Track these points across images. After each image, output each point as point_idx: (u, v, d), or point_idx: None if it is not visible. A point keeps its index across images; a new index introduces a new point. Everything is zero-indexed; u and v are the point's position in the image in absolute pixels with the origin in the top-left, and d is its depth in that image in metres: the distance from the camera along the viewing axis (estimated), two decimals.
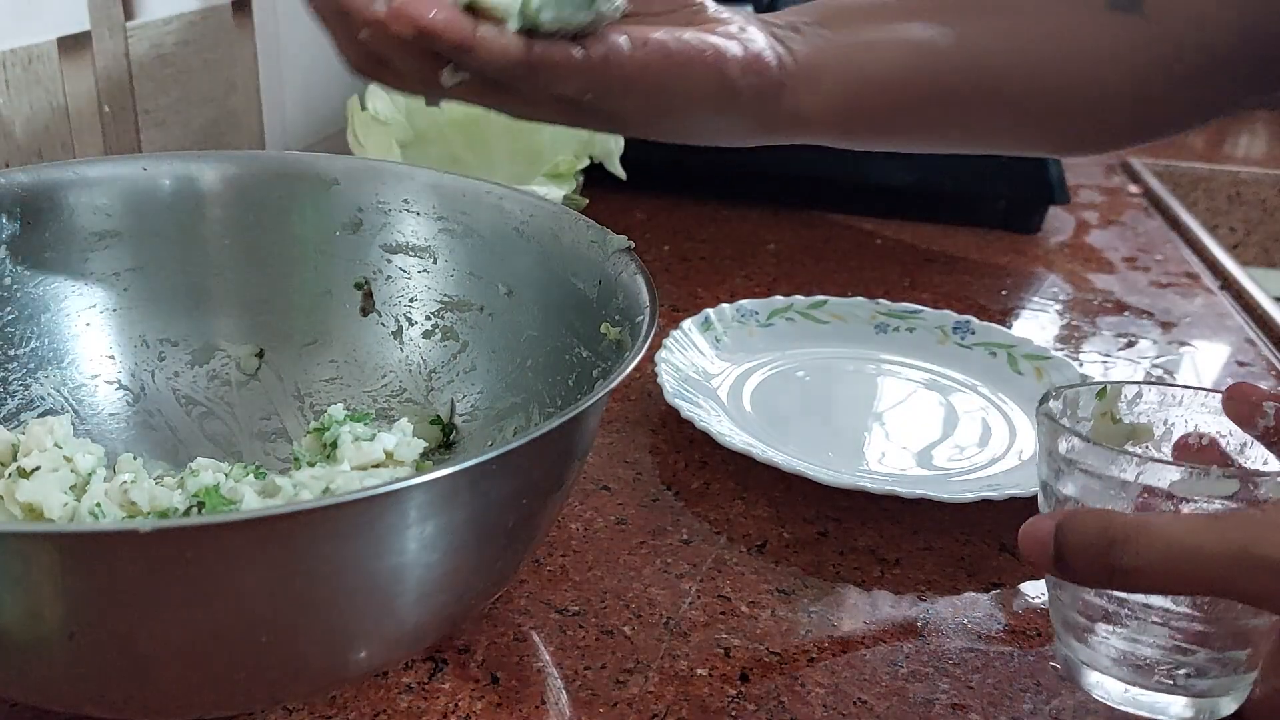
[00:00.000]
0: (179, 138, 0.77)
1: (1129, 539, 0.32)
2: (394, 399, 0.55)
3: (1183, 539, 0.32)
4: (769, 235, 0.92)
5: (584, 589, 0.48)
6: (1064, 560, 0.33)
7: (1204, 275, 0.90)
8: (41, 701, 0.37)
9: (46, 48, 0.63)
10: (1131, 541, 0.32)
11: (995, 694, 0.44)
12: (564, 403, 0.49)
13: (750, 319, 0.70)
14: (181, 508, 0.43)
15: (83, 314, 0.52)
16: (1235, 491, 0.34)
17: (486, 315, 0.54)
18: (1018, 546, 0.35)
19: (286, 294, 0.56)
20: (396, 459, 0.47)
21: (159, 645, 0.33)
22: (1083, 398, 0.42)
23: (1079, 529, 0.33)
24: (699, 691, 0.42)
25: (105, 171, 0.52)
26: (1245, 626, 0.36)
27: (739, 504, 0.55)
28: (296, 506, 0.32)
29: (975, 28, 0.50)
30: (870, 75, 0.49)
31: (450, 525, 0.35)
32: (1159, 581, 0.33)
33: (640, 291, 0.45)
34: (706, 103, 0.45)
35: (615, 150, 0.79)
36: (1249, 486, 0.34)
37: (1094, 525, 0.33)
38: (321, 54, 0.93)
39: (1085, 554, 0.33)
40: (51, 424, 0.45)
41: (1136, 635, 0.37)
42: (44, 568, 0.31)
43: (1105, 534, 0.33)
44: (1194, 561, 0.31)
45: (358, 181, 0.55)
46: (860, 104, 0.49)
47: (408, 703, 0.41)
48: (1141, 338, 0.78)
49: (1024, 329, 0.77)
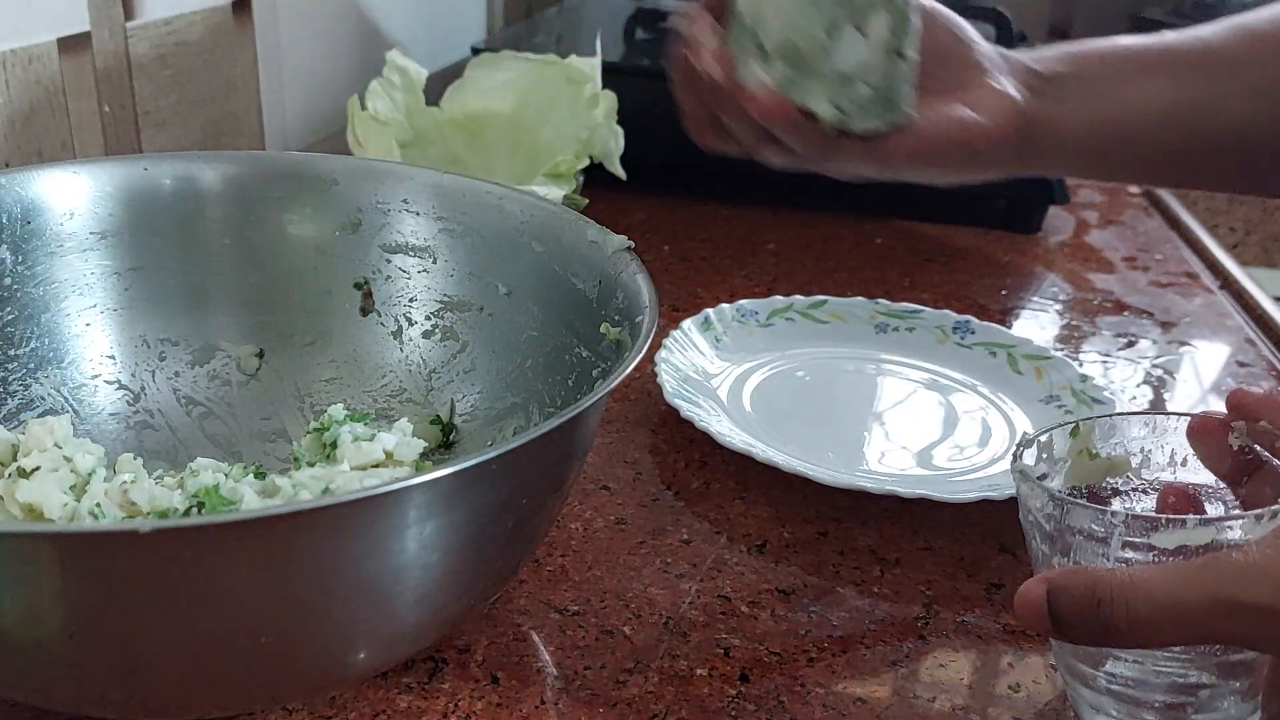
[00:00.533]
0: (179, 138, 0.77)
1: (1115, 598, 0.33)
2: (394, 399, 0.55)
3: (1163, 593, 0.32)
4: (769, 235, 0.92)
5: (584, 589, 0.48)
6: (1059, 624, 0.34)
7: (1204, 275, 0.90)
8: (41, 702, 0.37)
9: (46, 48, 0.63)
10: (1119, 601, 0.33)
11: (995, 694, 0.43)
12: (564, 403, 0.49)
13: (750, 319, 0.70)
14: (181, 508, 0.43)
15: (83, 314, 0.52)
16: (1212, 539, 0.35)
17: (486, 315, 0.54)
18: (1015, 611, 0.35)
19: (286, 294, 0.56)
20: (396, 459, 0.47)
21: (159, 645, 0.33)
22: (1056, 439, 0.42)
23: (1069, 591, 0.34)
24: (699, 691, 0.42)
25: (105, 171, 0.52)
26: (1241, 660, 0.37)
27: (739, 504, 0.55)
28: (296, 506, 0.32)
29: (1220, 84, 0.53)
30: (1110, 133, 0.53)
31: (450, 525, 0.35)
32: (1150, 636, 0.33)
33: (640, 291, 0.45)
34: (961, 166, 0.53)
35: (615, 150, 0.79)
36: (1224, 530, 0.35)
37: (1082, 587, 0.34)
38: (321, 54, 0.93)
39: (1078, 616, 0.34)
40: (51, 424, 0.45)
41: (1138, 677, 0.38)
42: (44, 568, 0.31)
43: (1093, 594, 0.33)
44: (1177, 613, 0.32)
45: (358, 181, 0.55)
46: (1099, 156, 0.55)
47: (408, 703, 0.41)
48: (1141, 337, 0.78)
49: (1024, 329, 0.77)
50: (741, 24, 0.49)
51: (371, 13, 1.02)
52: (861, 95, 0.48)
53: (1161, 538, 0.35)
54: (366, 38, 1.01)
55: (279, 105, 0.89)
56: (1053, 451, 0.42)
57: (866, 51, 0.47)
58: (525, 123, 0.85)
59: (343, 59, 0.98)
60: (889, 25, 0.47)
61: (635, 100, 0.85)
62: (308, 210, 0.55)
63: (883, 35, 0.47)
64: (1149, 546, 0.35)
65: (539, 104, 0.85)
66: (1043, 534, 0.38)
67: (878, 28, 0.47)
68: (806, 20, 0.47)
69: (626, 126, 0.80)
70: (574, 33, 1.19)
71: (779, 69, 0.48)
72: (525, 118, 0.85)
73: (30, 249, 0.50)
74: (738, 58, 0.50)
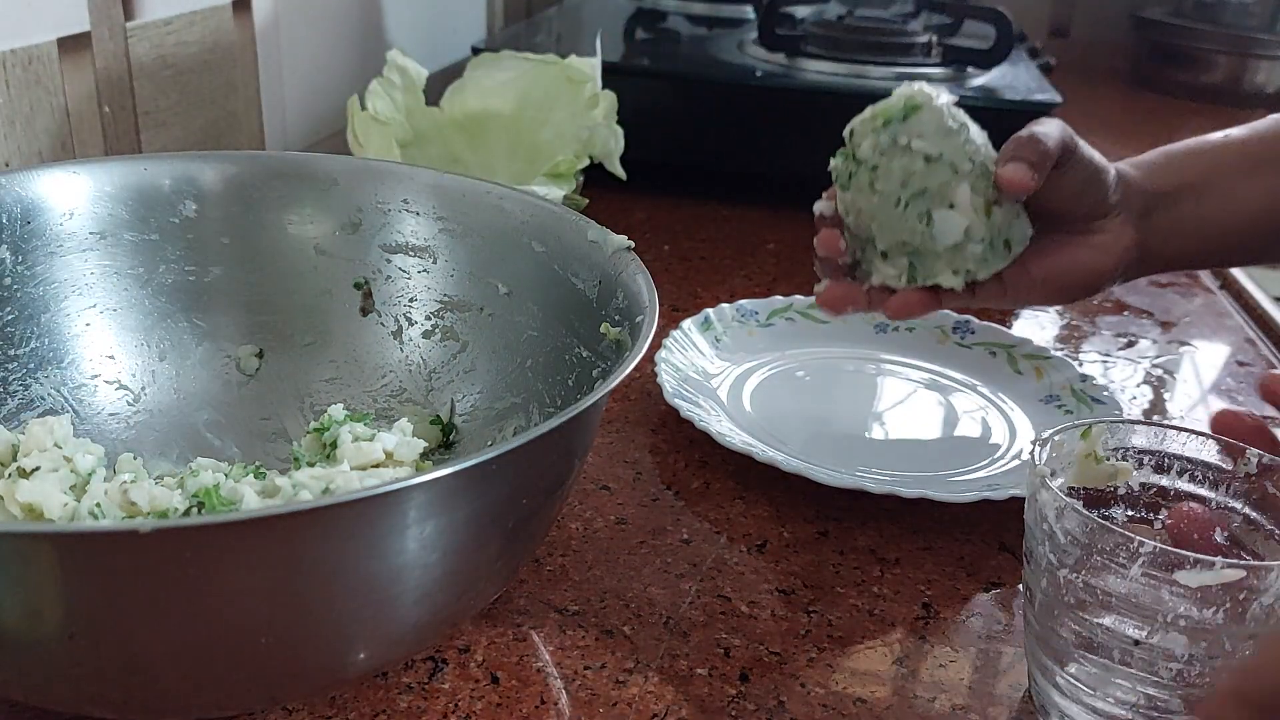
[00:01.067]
0: (179, 138, 0.77)
1: None
2: (394, 399, 0.55)
3: None
4: (769, 235, 0.92)
5: (584, 589, 0.48)
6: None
7: (1204, 275, 0.90)
8: (41, 702, 0.37)
9: (46, 48, 0.63)
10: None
11: (995, 694, 0.44)
12: (564, 403, 0.49)
13: (750, 319, 0.70)
14: (181, 508, 0.43)
15: (83, 314, 0.52)
16: (1241, 579, 0.35)
17: (486, 315, 0.54)
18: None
19: (286, 294, 0.56)
20: (396, 459, 0.47)
21: (159, 645, 0.33)
22: (1067, 440, 0.42)
23: (1261, 694, 0.30)
24: (699, 691, 0.42)
25: (105, 171, 0.52)
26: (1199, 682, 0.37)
27: (739, 504, 0.55)
28: (296, 506, 0.32)
29: None
30: (1217, 235, 0.56)
31: (450, 525, 0.35)
32: None
33: (640, 291, 0.45)
34: (1083, 297, 0.56)
35: (615, 150, 0.79)
36: (1254, 577, 0.35)
37: (1271, 688, 0.30)
38: (321, 54, 0.93)
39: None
40: (51, 424, 0.45)
41: (1095, 683, 0.38)
42: (44, 568, 0.31)
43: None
44: None
45: (358, 181, 0.55)
46: (1204, 256, 0.59)
47: (408, 703, 0.41)
48: (1141, 337, 0.78)
49: (1024, 329, 0.77)
50: (856, 238, 0.53)
51: (371, 13, 1.02)
52: (975, 252, 0.51)
53: (1186, 576, 0.35)
54: (366, 38, 1.01)
55: (279, 105, 0.89)
56: (1062, 452, 0.42)
57: (962, 219, 0.50)
58: (525, 123, 0.85)
59: (343, 59, 0.98)
60: (971, 186, 0.50)
61: (635, 100, 0.85)
62: (308, 210, 0.55)
63: (969, 198, 0.50)
64: (1172, 582, 0.35)
65: (539, 104, 0.85)
66: (1054, 544, 0.38)
67: (962, 197, 0.50)
68: (902, 220, 0.51)
69: (626, 126, 0.80)
70: (574, 33, 1.19)
71: (899, 263, 0.52)
72: (525, 118, 0.85)
73: (30, 249, 0.50)
74: (863, 265, 0.54)
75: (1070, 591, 0.38)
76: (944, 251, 0.51)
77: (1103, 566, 0.37)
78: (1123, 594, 0.36)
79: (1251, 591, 0.35)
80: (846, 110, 0.53)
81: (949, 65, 1.00)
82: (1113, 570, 0.36)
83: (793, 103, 0.94)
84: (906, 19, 1.10)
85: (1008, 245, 0.52)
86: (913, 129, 0.50)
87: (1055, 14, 1.82)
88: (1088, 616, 0.38)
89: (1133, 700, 0.38)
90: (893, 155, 0.50)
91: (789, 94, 0.94)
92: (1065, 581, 0.38)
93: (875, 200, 0.51)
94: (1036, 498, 0.39)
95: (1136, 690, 0.37)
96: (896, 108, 0.50)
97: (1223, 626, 0.35)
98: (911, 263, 0.52)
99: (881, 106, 0.51)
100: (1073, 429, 0.42)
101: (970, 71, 1.00)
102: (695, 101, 0.96)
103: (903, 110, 0.50)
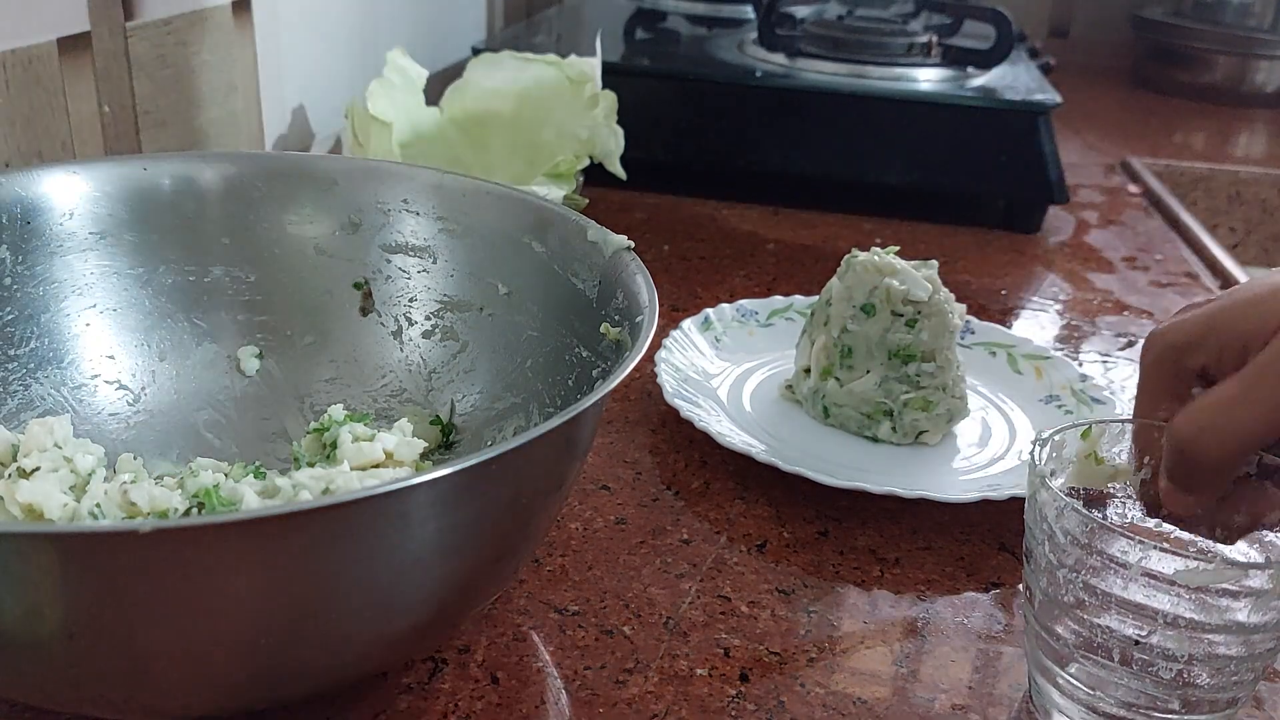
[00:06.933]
0: (179, 138, 0.77)
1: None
2: (394, 399, 0.55)
3: None
4: (769, 235, 0.92)
5: (584, 589, 0.48)
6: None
7: (1204, 275, 0.90)
8: (41, 702, 0.37)
9: (46, 48, 0.63)
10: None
11: (995, 694, 0.43)
12: (564, 403, 0.49)
13: (750, 319, 0.70)
14: (181, 508, 0.43)
15: (83, 314, 0.52)
16: (1241, 578, 0.35)
17: (486, 315, 0.54)
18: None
19: (286, 294, 0.56)
20: (396, 459, 0.47)
21: (159, 645, 0.33)
22: (1068, 440, 0.42)
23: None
24: (699, 691, 0.42)
25: (105, 171, 0.52)
26: (1196, 686, 0.37)
27: (739, 504, 0.55)
28: (296, 506, 0.32)
29: None
30: None
31: (450, 525, 0.35)
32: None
33: (640, 291, 0.45)
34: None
35: (615, 150, 0.79)
36: (1250, 576, 0.35)
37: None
38: (321, 54, 0.93)
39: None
40: (51, 424, 0.45)
41: (1094, 684, 0.38)
42: (44, 568, 0.31)
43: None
44: None
45: (358, 181, 0.55)
46: None
47: (408, 703, 0.41)
48: (1141, 337, 0.78)
49: (1024, 329, 0.77)
50: None
51: (371, 13, 1.02)
52: None
53: (1186, 575, 0.35)
54: (366, 38, 1.01)
55: (279, 105, 0.89)
56: (1063, 452, 0.42)
57: None
58: (525, 123, 0.85)
59: (343, 59, 0.97)
60: None
61: (635, 100, 0.85)
62: (307, 210, 0.55)
63: None
64: (1170, 580, 0.35)
65: (539, 104, 0.85)
66: (1053, 544, 0.38)
67: None
68: None
69: (626, 126, 0.80)
70: (574, 33, 1.19)
71: None
72: (525, 118, 0.85)
73: (30, 249, 0.50)
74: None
75: (1070, 591, 0.38)
76: None
77: (1102, 566, 0.37)
78: (1122, 594, 0.36)
79: (1251, 591, 0.35)
80: (846, 110, 0.53)
81: (949, 65, 1.00)
82: (1112, 570, 0.36)
83: (792, 103, 0.94)
84: (906, 19, 1.10)
85: None
86: None
87: (1055, 14, 1.82)
88: (1088, 616, 0.38)
89: (1133, 700, 0.38)
90: None
91: (789, 94, 0.94)
92: (1065, 581, 0.38)
93: None
94: (1036, 498, 0.39)
95: (1136, 690, 0.37)
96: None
97: (1223, 626, 0.35)
98: None
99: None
100: (1073, 429, 0.42)
101: (970, 71, 1.00)
102: (695, 101, 0.96)
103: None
